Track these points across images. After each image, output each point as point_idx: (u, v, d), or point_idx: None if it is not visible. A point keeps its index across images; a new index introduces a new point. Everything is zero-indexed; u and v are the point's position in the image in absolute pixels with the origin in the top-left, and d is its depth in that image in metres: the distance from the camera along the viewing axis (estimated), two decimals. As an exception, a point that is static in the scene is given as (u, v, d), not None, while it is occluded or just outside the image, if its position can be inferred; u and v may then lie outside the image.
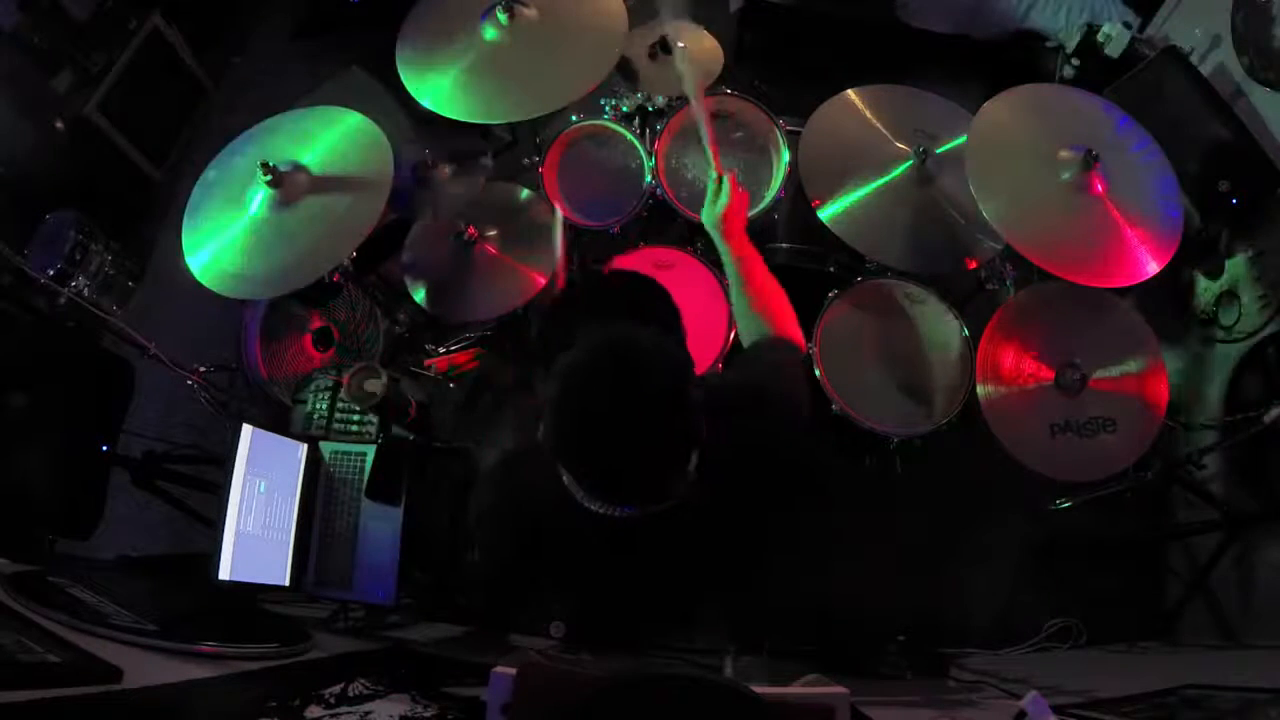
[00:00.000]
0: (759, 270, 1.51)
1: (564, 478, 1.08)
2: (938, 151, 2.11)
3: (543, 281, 2.17)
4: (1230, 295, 2.42)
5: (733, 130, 2.32)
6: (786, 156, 2.23)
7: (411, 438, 2.17)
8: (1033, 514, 2.43)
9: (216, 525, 1.83)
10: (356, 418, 2.18)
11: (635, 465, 0.99)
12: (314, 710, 1.48)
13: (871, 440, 2.13)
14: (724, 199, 1.58)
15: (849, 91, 2.22)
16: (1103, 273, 1.90)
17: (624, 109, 2.37)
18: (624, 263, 2.21)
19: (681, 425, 1.00)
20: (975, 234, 2.07)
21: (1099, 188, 1.93)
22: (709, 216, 1.60)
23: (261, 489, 1.95)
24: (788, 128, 2.25)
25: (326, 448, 2.17)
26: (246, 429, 1.93)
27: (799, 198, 2.14)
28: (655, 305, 1.22)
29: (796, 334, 1.46)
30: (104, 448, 2.23)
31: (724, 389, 1.29)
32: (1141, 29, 2.78)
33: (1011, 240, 1.90)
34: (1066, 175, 1.94)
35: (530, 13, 2.14)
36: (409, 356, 2.48)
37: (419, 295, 2.23)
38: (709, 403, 1.12)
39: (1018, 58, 2.99)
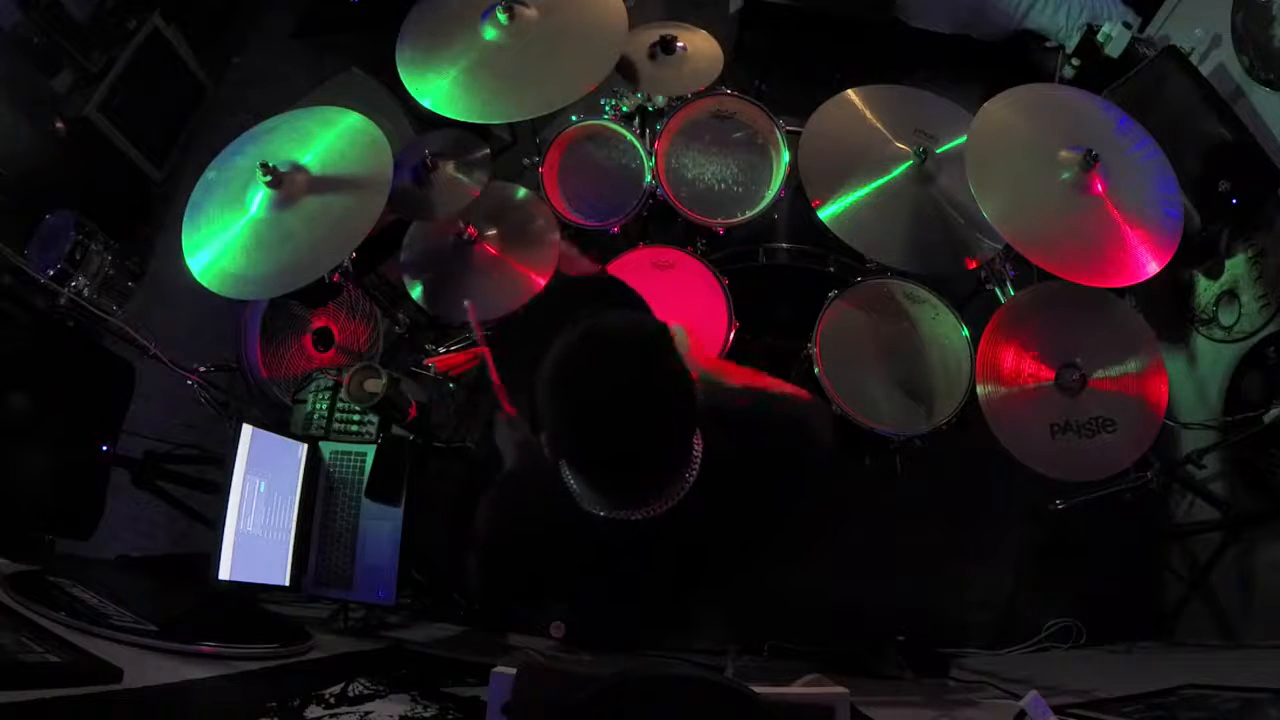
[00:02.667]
0: (742, 375, 1.49)
1: (572, 486, 1.09)
2: (938, 151, 2.11)
3: (543, 282, 2.17)
4: (1230, 295, 2.42)
5: (733, 130, 2.32)
6: (786, 156, 2.23)
7: (411, 438, 2.17)
8: (1033, 514, 2.44)
9: (216, 525, 1.83)
10: (356, 418, 2.18)
11: (641, 435, 0.99)
12: (314, 710, 1.48)
13: (871, 440, 2.13)
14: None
15: (849, 91, 2.21)
16: (1103, 273, 1.89)
17: (624, 109, 2.37)
18: (624, 263, 2.21)
19: (672, 383, 1.00)
20: (975, 234, 2.07)
21: (1099, 188, 1.93)
22: None
23: (261, 489, 1.95)
24: (788, 128, 2.25)
25: (326, 448, 2.17)
26: (246, 429, 1.93)
27: (799, 198, 2.14)
28: (613, 291, 1.21)
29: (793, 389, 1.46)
30: (104, 448, 2.23)
31: (734, 402, 1.29)
32: (1141, 29, 2.78)
33: (1011, 240, 1.90)
34: (1066, 175, 1.94)
35: (530, 13, 2.14)
36: (409, 356, 2.48)
37: (417, 295, 2.23)
38: (718, 413, 1.12)
39: (1018, 58, 2.99)
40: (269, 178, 1.92)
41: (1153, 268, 1.90)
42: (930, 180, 2.10)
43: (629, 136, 2.32)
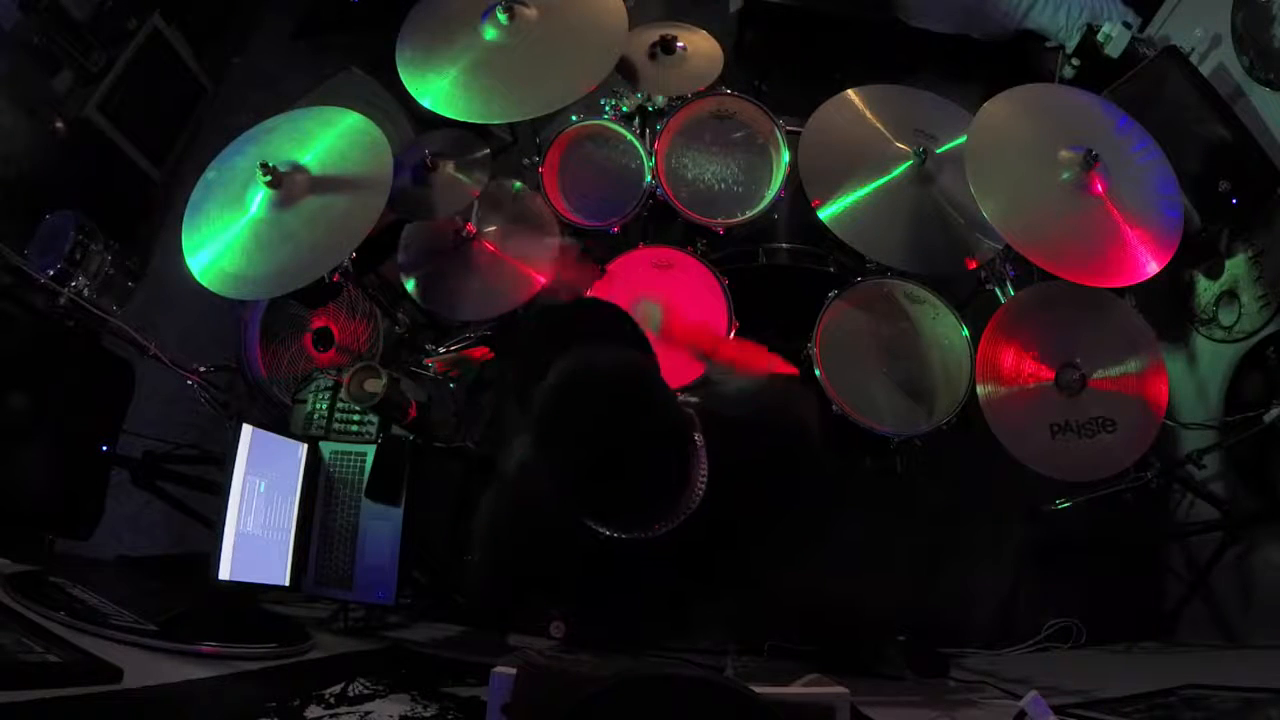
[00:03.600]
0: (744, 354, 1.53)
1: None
2: (938, 151, 2.11)
3: (542, 281, 2.17)
4: (1230, 295, 2.42)
5: (733, 130, 2.32)
6: (786, 156, 2.23)
7: (411, 438, 2.17)
8: (1033, 514, 2.44)
9: (216, 525, 1.83)
10: (356, 418, 2.18)
11: (637, 488, 1.00)
12: (314, 710, 1.48)
13: (871, 440, 2.13)
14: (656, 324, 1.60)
15: (849, 91, 2.22)
16: (1103, 273, 1.89)
17: (624, 109, 2.37)
18: (624, 262, 2.21)
19: (661, 429, 1.01)
20: (975, 234, 2.07)
21: (1099, 188, 1.93)
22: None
23: (261, 489, 1.95)
24: (788, 128, 2.24)
25: (326, 448, 2.17)
26: (246, 429, 1.93)
27: (799, 198, 2.14)
28: (604, 322, 1.21)
29: (788, 368, 1.48)
30: (104, 448, 2.23)
31: (731, 403, 1.29)
32: (1141, 29, 2.78)
33: (1011, 240, 1.90)
34: (1066, 175, 1.94)
35: (530, 13, 2.14)
36: (409, 356, 2.48)
37: (415, 291, 2.23)
38: (714, 420, 1.13)
39: (1018, 58, 2.99)
40: (269, 178, 1.92)
41: (1153, 268, 1.90)
42: (930, 180, 2.10)
43: (629, 136, 2.32)
